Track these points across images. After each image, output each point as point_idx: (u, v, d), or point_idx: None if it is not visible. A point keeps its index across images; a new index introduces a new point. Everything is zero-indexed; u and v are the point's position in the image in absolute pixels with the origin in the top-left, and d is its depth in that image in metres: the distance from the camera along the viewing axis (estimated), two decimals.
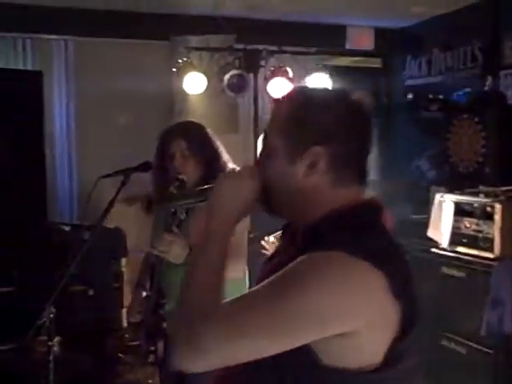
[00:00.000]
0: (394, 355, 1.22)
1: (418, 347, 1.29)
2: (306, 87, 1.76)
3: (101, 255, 4.53)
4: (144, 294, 2.74)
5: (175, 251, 2.42)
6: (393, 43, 6.09)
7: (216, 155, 2.70)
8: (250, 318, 1.18)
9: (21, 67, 5.10)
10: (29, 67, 5.11)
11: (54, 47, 5.27)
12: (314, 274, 1.18)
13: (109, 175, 2.53)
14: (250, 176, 1.38)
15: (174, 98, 5.27)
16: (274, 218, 1.44)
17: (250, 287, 2.34)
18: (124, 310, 4.30)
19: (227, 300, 1.24)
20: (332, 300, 1.17)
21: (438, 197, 4.10)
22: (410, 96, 5.69)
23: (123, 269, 4.45)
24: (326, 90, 1.52)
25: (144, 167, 2.55)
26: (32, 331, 2.37)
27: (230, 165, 2.69)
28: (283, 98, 1.41)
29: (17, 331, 2.61)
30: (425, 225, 4.20)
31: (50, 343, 2.44)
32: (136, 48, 5.38)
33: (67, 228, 4.50)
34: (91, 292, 4.41)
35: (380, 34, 6.03)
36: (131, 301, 2.97)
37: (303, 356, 1.21)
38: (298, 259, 1.22)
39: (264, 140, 1.39)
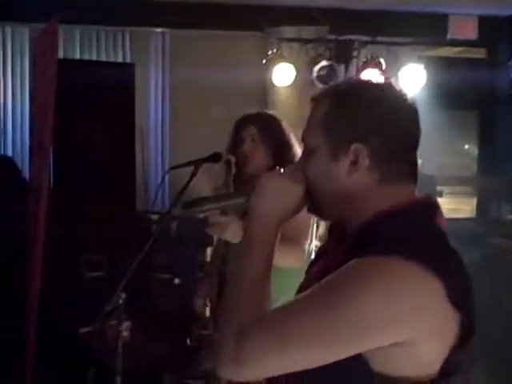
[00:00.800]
0: (451, 366, 1.15)
1: (475, 358, 1.21)
2: (343, 82, 1.67)
3: (188, 245, 4.61)
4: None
5: (230, 231, 2.35)
6: (499, 32, 5.78)
7: (286, 146, 2.66)
8: (298, 328, 1.12)
9: (120, 60, 5.28)
10: (127, 60, 5.28)
11: (151, 40, 5.42)
12: (366, 281, 1.11)
13: (178, 166, 2.54)
14: (293, 177, 1.31)
15: (266, 89, 5.26)
16: None
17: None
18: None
19: (273, 308, 1.20)
20: (387, 308, 1.10)
21: None
22: None
23: (208, 259, 4.50)
24: (366, 83, 1.41)
25: (214, 158, 2.54)
26: (101, 316, 2.44)
27: None
28: (321, 94, 1.33)
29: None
30: None
31: (119, 328, 2.51)
32: (230, 40, 5.43)
33: (155, 217, 4.60)
34: (177, 281, 4.50)
35: (484, 22, 5.74)
36: (198, 291, 2.99)
37: (355, 363, 1.15)
38: (349, 264, 1.15)
39: (303, 139, 1.32)
